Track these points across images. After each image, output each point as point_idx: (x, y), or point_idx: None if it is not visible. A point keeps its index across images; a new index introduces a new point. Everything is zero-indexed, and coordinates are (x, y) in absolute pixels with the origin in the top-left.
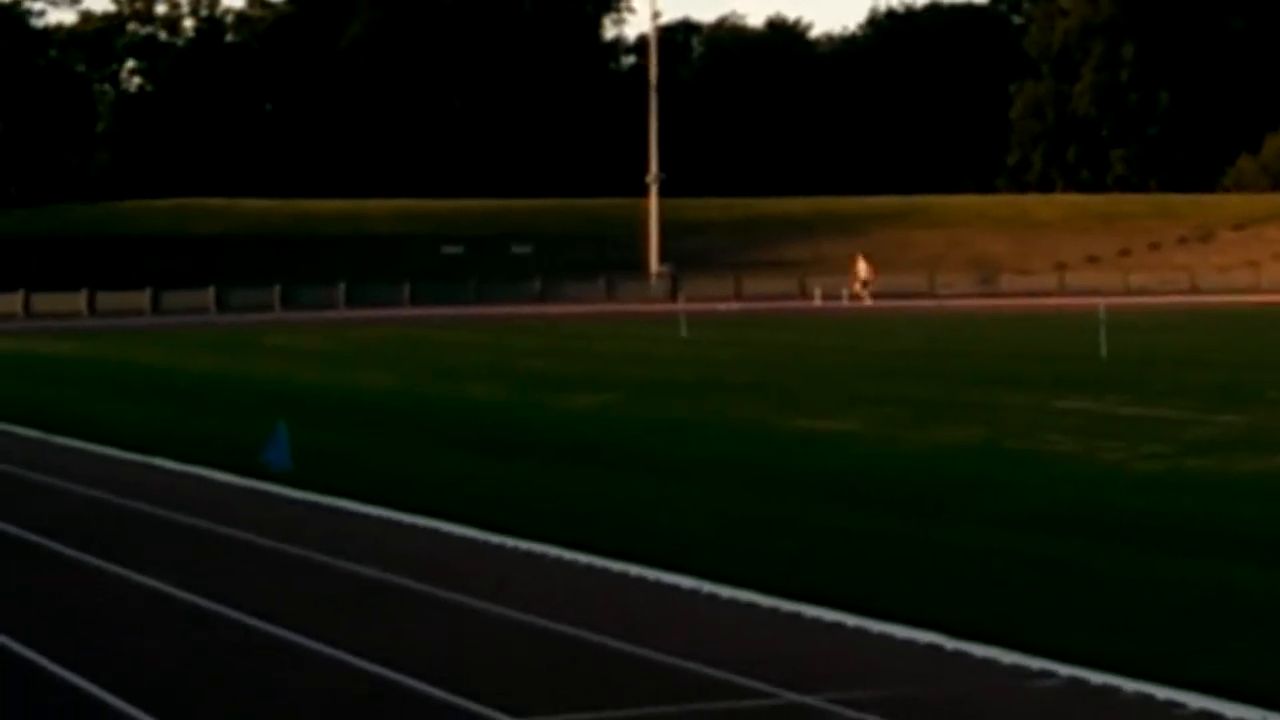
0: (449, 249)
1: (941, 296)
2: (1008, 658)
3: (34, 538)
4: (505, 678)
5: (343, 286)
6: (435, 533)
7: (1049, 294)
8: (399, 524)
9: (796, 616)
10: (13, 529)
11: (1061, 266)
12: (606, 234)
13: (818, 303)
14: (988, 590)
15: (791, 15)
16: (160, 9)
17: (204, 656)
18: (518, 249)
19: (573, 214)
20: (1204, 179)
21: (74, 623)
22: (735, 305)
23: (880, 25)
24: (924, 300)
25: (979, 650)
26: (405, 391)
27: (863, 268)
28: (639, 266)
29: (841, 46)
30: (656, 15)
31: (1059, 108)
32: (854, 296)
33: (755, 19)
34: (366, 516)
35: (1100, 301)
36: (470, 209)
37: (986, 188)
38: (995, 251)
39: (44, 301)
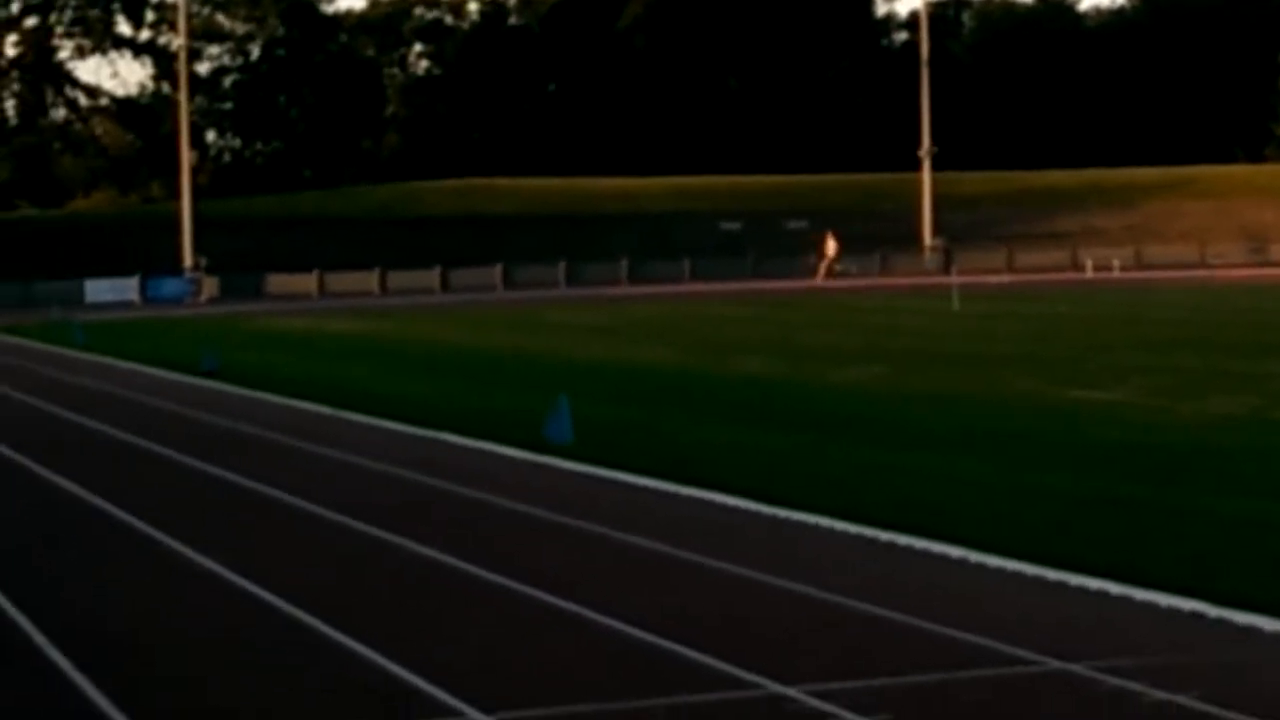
0: (727, 225)
1: (1212, 267)
2: (1271, 625)
3: (321, 511)
4: (777, 645)
5: (624, 263)
6: (711, 504)
7: None
8: (676, 495)
9: (1062, 585)
10: (305, 504)
11: None
12: (880, 208)
13: (1089, 274)
14: (1252, 559)
15: None
16: None
17: (483, 628)
18: (794, 224)
19: (847, 189)
20: None
21: (360, 594)
22: (1007, 278)
23: None
24: (1195, 271)
25: (1241, 618)
26: (683, 366)
27: (831, 246)
28: (912, 240)
29: (1110, 19)
30: None
31: None
32: (828, 273)
33: None
34: (645, 489)
35: None
36: (747, 185)
37: (1256, 157)
38: (1265, 221)
39: (338, 281)
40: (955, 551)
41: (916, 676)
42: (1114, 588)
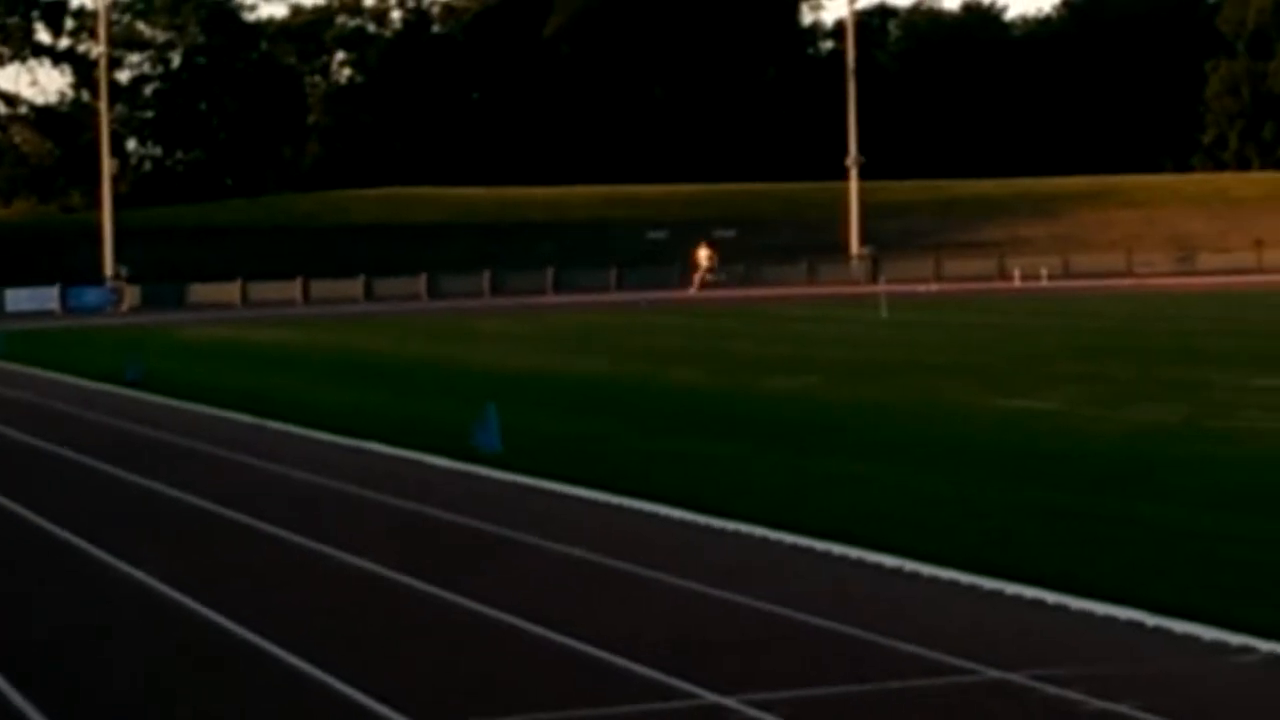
0: (653, 234)
1: (1140, 275)
2: (1208, 634)
3: (248, 519)
4: (714, 655)
5: (550, 272)
6: (640, 513)
7: (1248, 271)
8: (605, 504)
9: (997, 594)
10: (232, 514)
11: (1260, 244)
12: (807, 217)
13: (1017, 284)
14: (1188, 568)
15: None
16: (368, 2)
17: (422, 639)
18: (720, 233)
19: (774, 198)
20: None
21: (289, 606)
22: (935, 286)
23: (1074, 6)
24: (1123, 280)
25: (1179, 626)
26: (612, 375)
27: (704, 255)
28: (840, 249)
29: (1037, 28)
30: (854, 0)
31: (1254, 86)
32: (702, 284)
33: (951, 2)
34: (577, 498)
35: None
36: (673, 194)
37: (1183, 166)
38: (1193, 230)
39: (260, 290)
40: (891, 561)
41: (855, 686)
42: (1050, 596)
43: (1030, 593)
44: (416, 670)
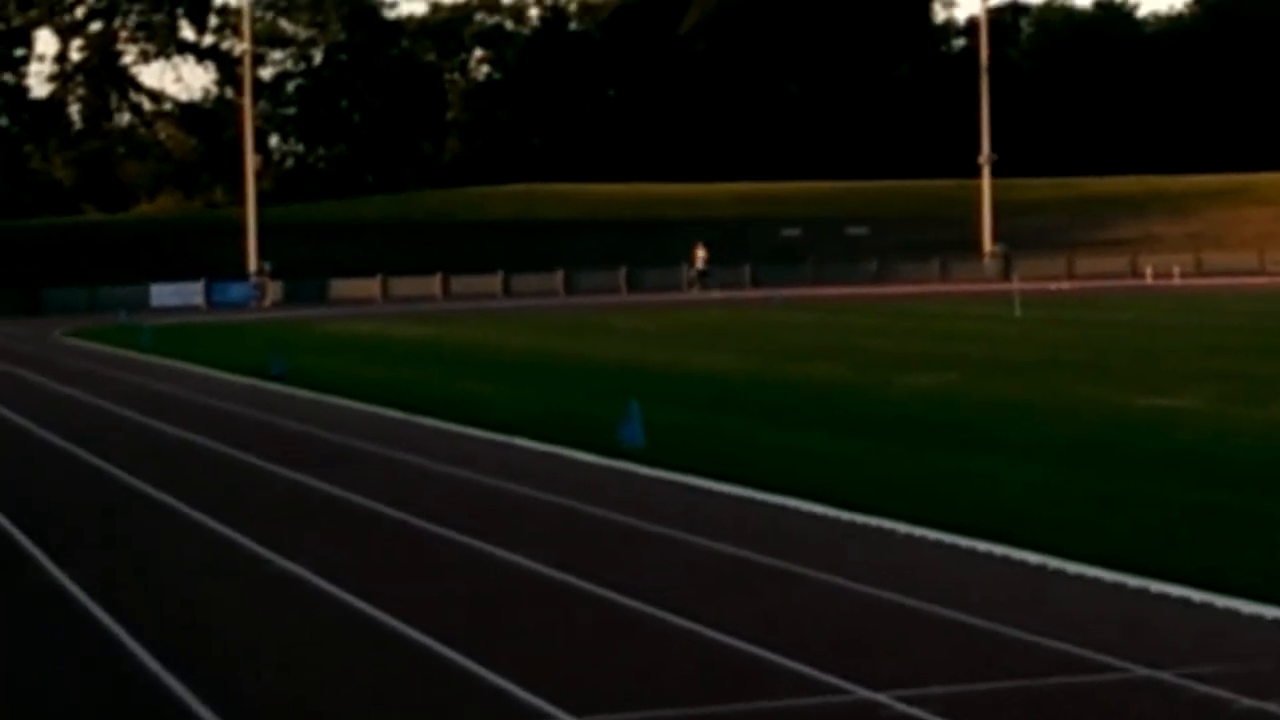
0: (787, 231)
1: (1273, 274)
2: None
3: (399, 513)
4: (861, 650)
5: (685, 268)
6: (781, 508)
7: None
8: (749, 500)
9: (1143, 591)
10: (384, 508)
11: None
12: (940, 214)
13: (1149, 281)
14: None
15: None
16: None
17: (577, 632)
18: (853, 230)
19: (907, 195)
20: None
21: (442, 597)
22: (1067, 284)
23: (1207, 3)
24: (1255, 278)
25: None
26: (749, 371)
27: (699, 255)
28: (972, 246)
29: (1169, 25)
30: None
31: None
32: (690, 283)
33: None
34: (719, 493)
35: None
36: (807, 191)
37: None
38: None
39: (401, 285)
40: (1033, 557)
41: (1005, 682)
42: (1196, 594)
43: (1176, 590)
44: (571, 664)
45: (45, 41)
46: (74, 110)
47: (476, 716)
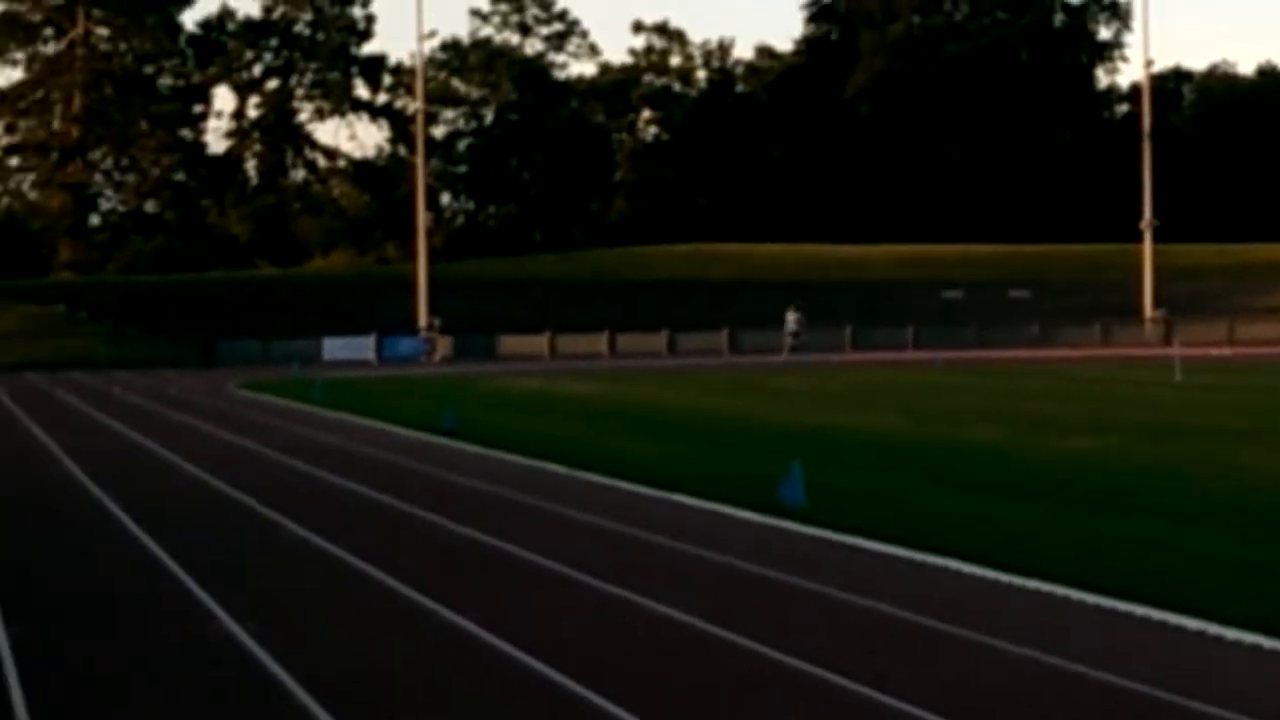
0: (949, 293)
1: None
2: None
3: (563, 568)
4: (1018, 712)
5: (849, 330)
6: (941, 569)
7: None
8: (909, 560)
9: None
10: (549, 563)
11: None
12: (1102, 279)
13: None
14: None
15: None
16: (674, 61)
17: (735, 691)
18: (1015, 293)
19: (1069, 259)
20: None
21: (605, 653)
22: (1229, 350)
23: None
24: None
25: None
26: (910, 432)
27: (791, 318)
28: (1134, 310)
29: None
30: (1149, 64)
31: None
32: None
33: (1246, 66)
34: (881, 554)
35: None
36: (970, 254)
37: None
38: None
39: (568, 342)
40: (1193, 623)
41: None
42: None
43: None
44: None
45: (223, 98)
46: (250, 166)
47: None
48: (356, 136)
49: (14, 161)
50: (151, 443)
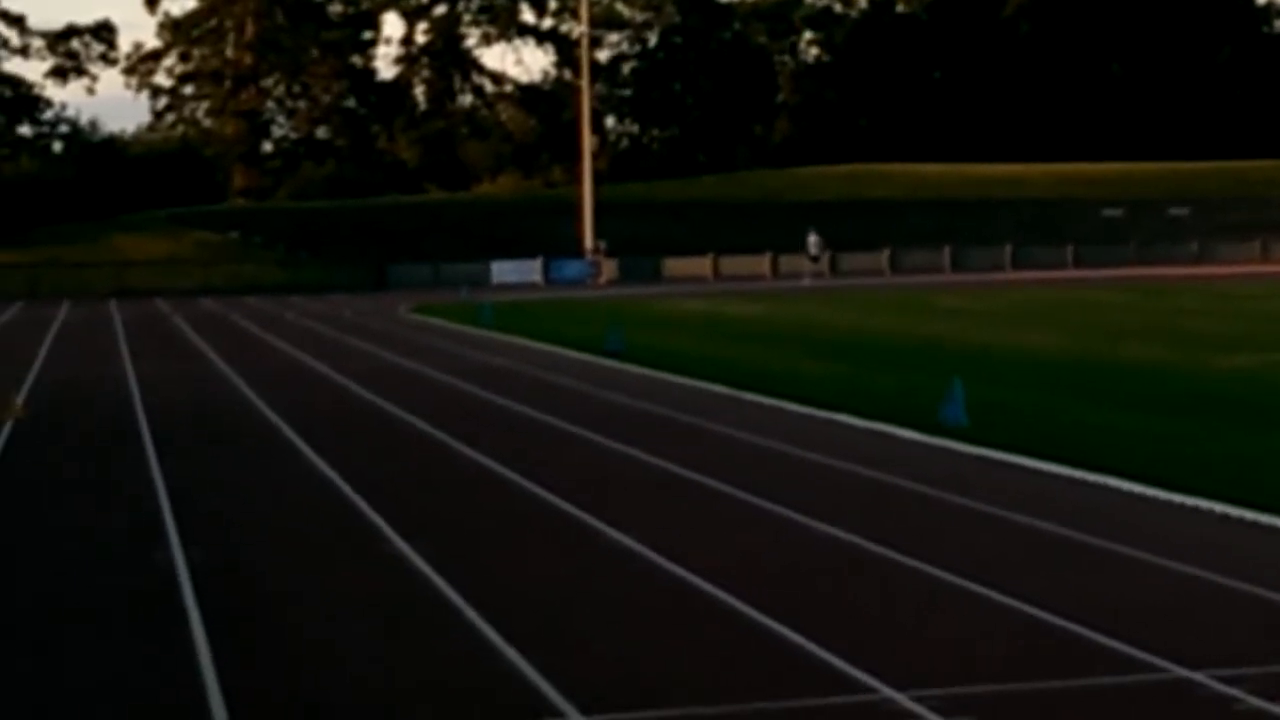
0: (1109, 212)
1: None
2: None
3: (725, 487)
4: (1176, 630)
5: (1008, 249)
6: (1103, 486)
7: None
8: (1069, 478)
9: None
10: (709, 479)
11: None
12: (1262, 195)
13: None
14: None
15: None
16: None
17: (898, 606)
18: (1174, 211)
19: (1228, 176)
20: None
21: (766, 569)
22: None
23: None
24: None
25: None
26: (1069, 351)
27: (812, 241)
28: None
29: None
30: None
31: None
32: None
33: None
34: (1041, 472)
35: None
36: (1129, 172)
37: None
38: None
39: (731, 264)
40: None
41: None
42: None
43: None
44: (894, 638)
45: (392, 25)
46: (419, 92)
47: (801, 689)
48: (522, 61)
49: (188, 90)
50: (324, 366)
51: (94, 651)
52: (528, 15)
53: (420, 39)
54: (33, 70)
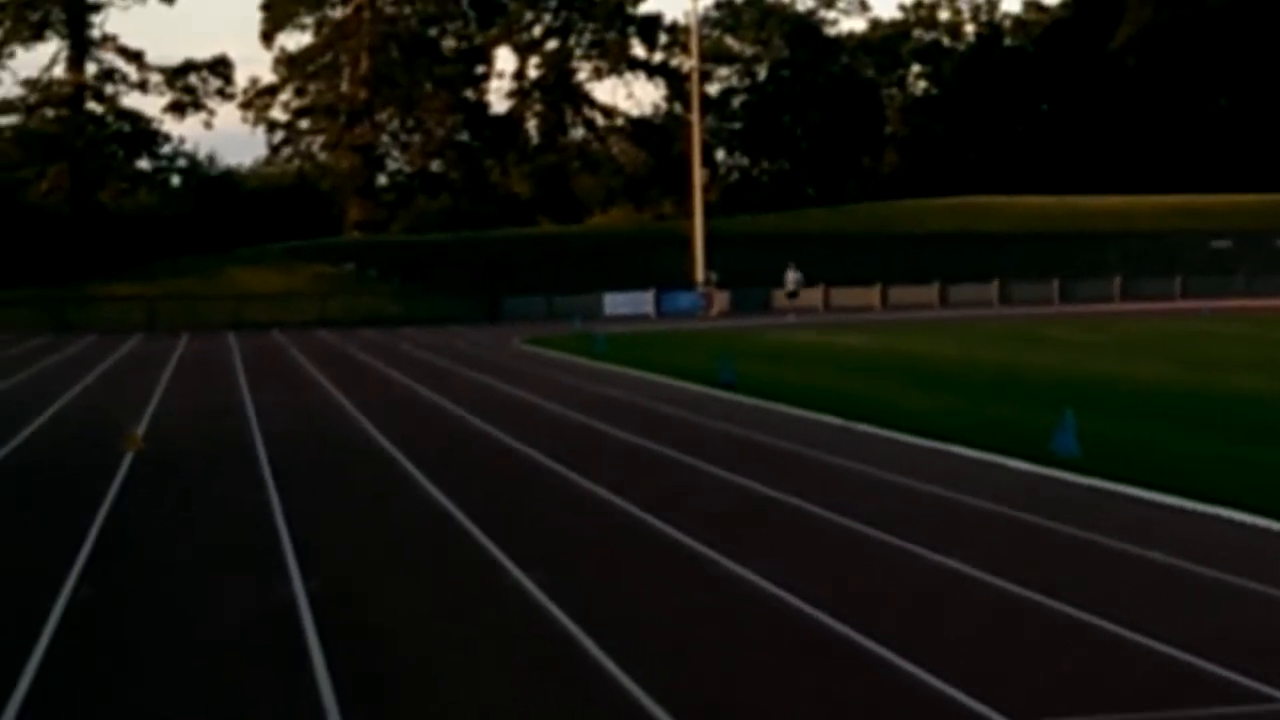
0: (1218, 243)
1: None
2: None
3: (839, 518)
4: None
5: (1117, 280)
6: (1218, 518)
7: None
8: (1184, 510)
9: None
10: (822, 510)
11: None
12: None
13: None
14: None
15: None
16: (943, 15)
17: (1017, 636)
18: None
19: None
20: None
21: (878, 600)
22: None
23: None
24: None
25: None
26: (1179, 381)
27: (790, 277)
28: None
29: None
30: None
31: None
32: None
33: None
34: (1154, 503)
35: None
36: (1238, 204)
37: None
38: None
39: (842, 295)
40: None
41: None
42: None
43: None
44: (1012, 669)
45: (504, 59)
46: (531, 126)
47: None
48: (633, 95)
49: (304, 124)
50: (439, 397)
51: (215, 680)
52: (638, 50)
53: (532, 73)
54: (151, 105)
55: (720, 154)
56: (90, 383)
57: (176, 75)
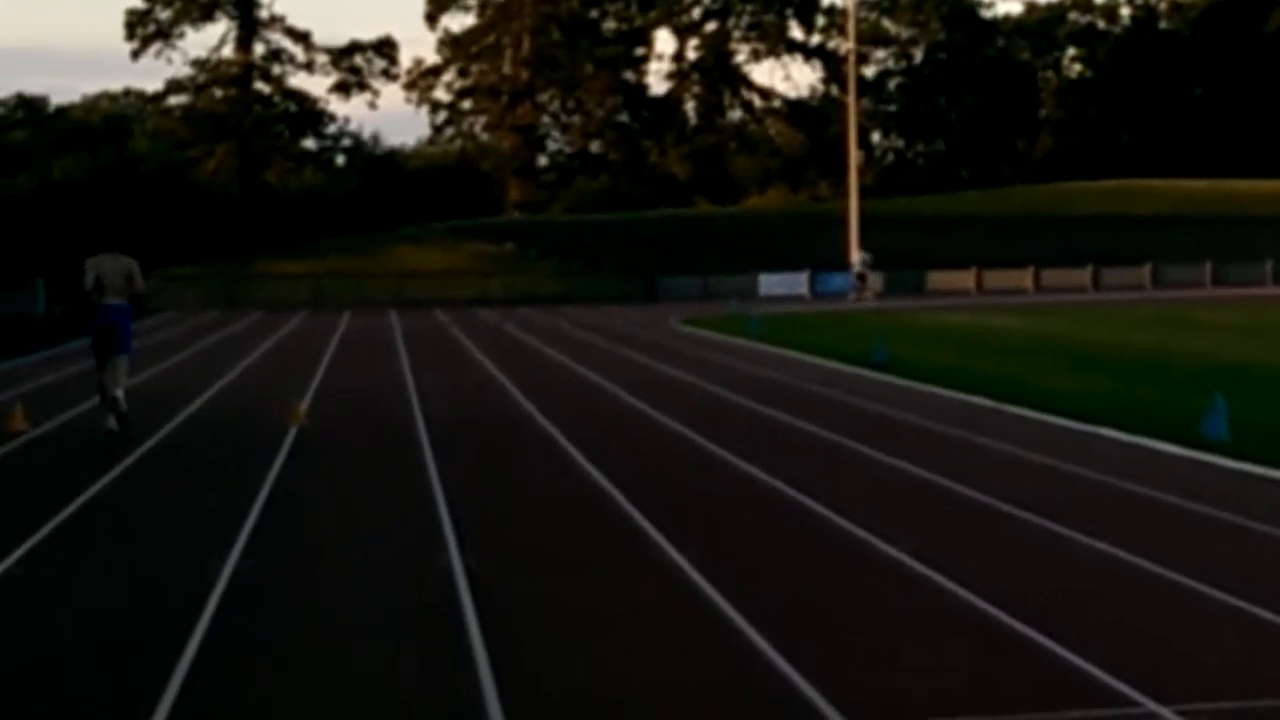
0: None
1: None
2: None
3: (989, 499)
4: None
5: (1269, 264)
6: None
7: None
8: None
9: None
10: (971, 492)
11: None
12: None
13: None
14: None
15: None
16: None
17: (1166, 621)
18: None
19: None
20: None
21: (1025, 582)
22: None
23: None
24: None
25: None
26: None
27: (855, 259)
28: None
29: None
30: None
31: None
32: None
33: None
34: None
35: None
36: None
37: None
38: None
39: (994, 278)
40: None
41: None
42: None
43: None
44: (1162, 654)
45: (664, 41)
46: (689, 107)
47: (1065, 702)
48: (790, 77)
49: (466, 104)
50: (597, 376)
51: (377, 649)
52: (796, 32)
53: (691, 55)
54: (317, 85)
55: (876, 136)
56: (256, 359)
57: (342, 56)
